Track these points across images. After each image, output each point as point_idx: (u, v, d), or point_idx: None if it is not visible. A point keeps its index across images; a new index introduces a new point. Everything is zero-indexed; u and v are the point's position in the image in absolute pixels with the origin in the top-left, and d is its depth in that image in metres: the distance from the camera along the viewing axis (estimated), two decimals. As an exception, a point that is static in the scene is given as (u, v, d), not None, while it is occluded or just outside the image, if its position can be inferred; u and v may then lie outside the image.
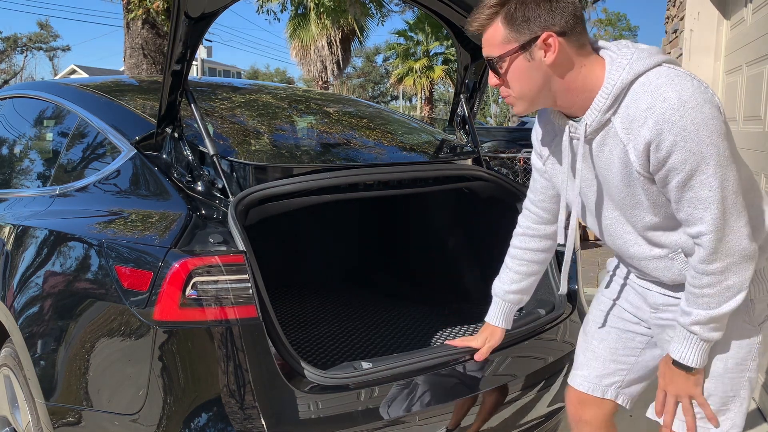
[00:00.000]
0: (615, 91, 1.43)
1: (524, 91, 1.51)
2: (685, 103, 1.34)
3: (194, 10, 1.84)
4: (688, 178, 1.39)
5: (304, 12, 16.37)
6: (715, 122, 1.36)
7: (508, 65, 1.48)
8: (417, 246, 3.32)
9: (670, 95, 1.36)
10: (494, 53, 1.49)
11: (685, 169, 1.37)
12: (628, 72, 1.42)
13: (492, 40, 1.48)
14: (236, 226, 1.80)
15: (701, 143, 1.35)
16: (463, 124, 2.83)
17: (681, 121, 1.34)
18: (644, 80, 1.41)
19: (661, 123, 1.36)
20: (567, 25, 1.43)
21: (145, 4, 8.13)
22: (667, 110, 1.35)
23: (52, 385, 1.93)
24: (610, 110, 1.45)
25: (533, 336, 2.29)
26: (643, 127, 1.39)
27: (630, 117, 1.42)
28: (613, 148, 1.49)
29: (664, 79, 1.38)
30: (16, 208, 2.52)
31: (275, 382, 1.74)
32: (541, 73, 1.47)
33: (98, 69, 42.26)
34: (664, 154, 1.38)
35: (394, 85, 25.98)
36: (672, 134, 1.35)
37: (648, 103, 1.38)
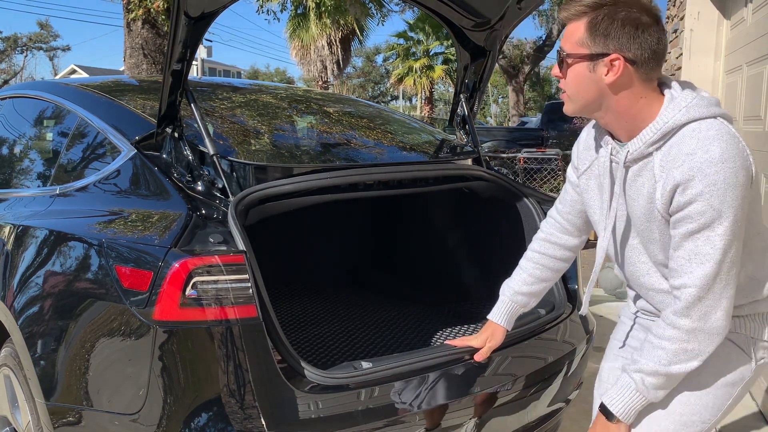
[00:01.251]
0: (665, 129, 1.45)
1: (577, 95, 1.53)
2: (725, 161, 1.38)
3: (194, 10, 1.84)
4: (698, 229, 1.41)
5: (303, 12, 16.36)
6: (743, 190, 1.40)
7: (571, 66, 1.50)
8: (417, 246, 3.32)
9: (714, 149, 1.39)
10: (566, 48, 1.50)
11: (700, 220, 1.40)
12: (684, 114, 1.44)
13: (570, 35, 1.50)
14: (236, 226, 1.80)
15: (724, 203, 1.38)
16: (463, 123, 2.83)
17: (715, 176, 1.38)
18: (696, 126, 1.43)
19: (696, 171, 1.39)
20: (641, 56, 1.45)
21: (145, 4, 8.13)
22: (705, 161, 1.38)
23: (53, 384, 1.93)
24: (655, 145, 1.48)
25: (533, 336, 2.29)
26: (678, 169, 1.42)
27: (670, 156, 1.45)
28: (645, 182, 1.51)
29: (714, 133, 1.41)
30: (16, 208, 2.52)
31: (275, 382, 1.74)
32: (597, 87, 1.49)
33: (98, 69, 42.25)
34: (686, 199, 1.41)
35: (394, 85, 25.97)
36: (702, 184, 1.38)
37: (691, 149, 1.41)
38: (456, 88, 2.82)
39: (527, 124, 17.60)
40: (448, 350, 2.07)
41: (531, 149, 10.14)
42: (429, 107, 24.59)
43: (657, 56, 1.46)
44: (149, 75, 7.76)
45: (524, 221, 2.62)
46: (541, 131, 12.78)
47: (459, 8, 2.47)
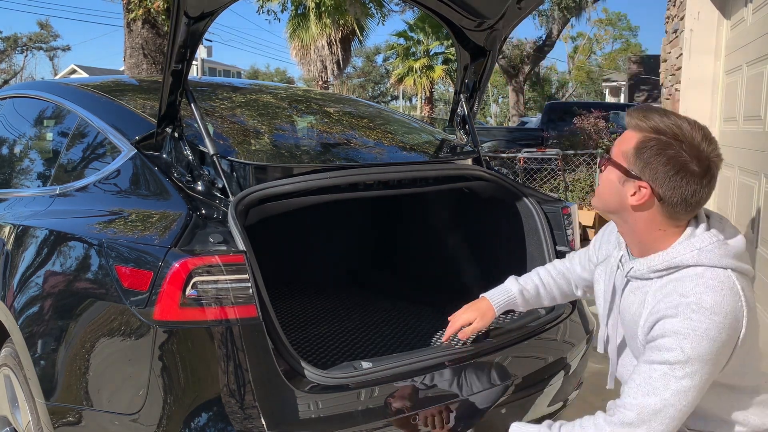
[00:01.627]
0: (671, 263, 1.47)
1: (601, 196, 1.57)
2: (714, 313, 1.38)
3: (194, 10, 1.84)
4: (659, 361, 1.42)
5: (304, 12, 16.36)
6: (721, 347, 1.39)
7: (608, 168, 1.52)
8: (417, 246, 3.32)
9: (707, 298, 1.39)
10: (612, 151, 1.53)
11: (665, 355, 1.40)
12: (694, 256, 1.45)
13: (622, 141, 1.51)
14: (236, 226, 1.80)
15: (695, 351, 1.38)
16: (463, 123, 2.83)
17: (697, 323, 1.38)
18: (701, 271, 1.43)
19: (681, 311, 1.40)
20: (670, 198, 1.44)
21: (145, 3, 8.13)
22: (694, 306, 1.39)
23: (53, 384, 1.93)
24: (657, 273, 1.49)
25: (533, 336, 2.29)
26: (667, 304, 1.43)
27: (665, 290, 1.46)
28: (636, 301, 1.54)
29: (716, 284, 1.41)
30: (16, 208, 2.52)
31: (275, 382, 1.74)
32: (619, 199, 1.51)
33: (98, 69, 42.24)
34: (661, 331, 1.42)
35: (394, 85, 25.96)
36: (681, 324, 1.39)
37: (686, 291, 1.42)
38: (456, 88, 2.82)
39: (527, 124, 17.59)
40: (448, 350, 2.07)
41: (531, 149, 10.13)
42: (429, 107, 24.58)
43: (688, 205, 1.45)
44: (149, 75, 7.76)
45: (524, 221, 2.62)
46: (541, 131, 12.77)
47: (459, 8, 2.47)
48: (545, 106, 14.46)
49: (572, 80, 42.88)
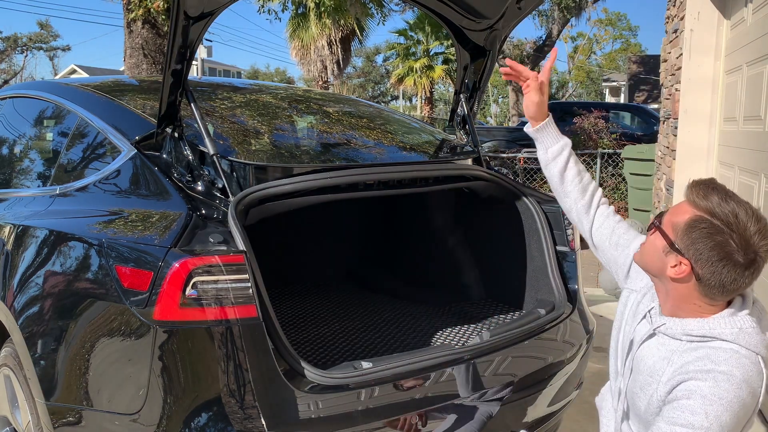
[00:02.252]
0: (707, 334, 1.47)
1: (645, 256, 1.58)
2: (742, 388, 1.39)
3: (193, 10, 1.84)
4: (681, 423, 1.40)
5: (304, 12, 16.35)
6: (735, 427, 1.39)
7: (657, 235, 1.53)
8: (417, 246, 3.32)
9: (738, 373, 1.40)
10: (664, 219, 1.54)
11: (689, 418, 1.39)
12: (734, 335, 1.45)
13: (677, 212, 1.51)
14: (236, 226, 1.80)
15: (718, 420, 1.37)
16: (463, 123, 2.83)
17: (726, 393, 1.38)
18: (737, 349, 1.44)
19: (711, 378, 1.40)
20: (708, 280, 1.45)
21: (145, 3, 8.13)
22: (726, 376, 1.39)
23: (53, 384, 1.93)
24: (689, 337, 1.49)
25: (533, 336, 2.29)
26: (698, 366, 1.43)
27: (697, 354, 1.46)
28: (658, 356, 1.54)
29: (749, 362, 1.42)
30: (16, 208, 2.52)
31: (275, 382, 1.74)
32: (660, 265, 1.52)
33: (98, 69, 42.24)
34: (686, 393, 1.41)
35: (394, 85, 25.95)
36: (709, 390, 1.39)
37: (721, 360, 1.42)
38: (456, 88, 2.82)
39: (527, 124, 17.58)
40: (448, 350, 2.07)
41: (531, 149, 10.13)
42: (429, 107, 24.57)
43: (725, 290, 1.45)
44: (149, 75, 7.76)
45: (524, 221, 2.62)
46: (541, 131, 12.73)
47: (459, 8, 2.47)
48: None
49: (572, 80, 42.88)
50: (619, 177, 9.00)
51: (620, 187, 8.97)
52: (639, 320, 1.65)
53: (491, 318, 2.76)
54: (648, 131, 11.71)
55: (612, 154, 9.15)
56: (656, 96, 22.71)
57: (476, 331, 2.63)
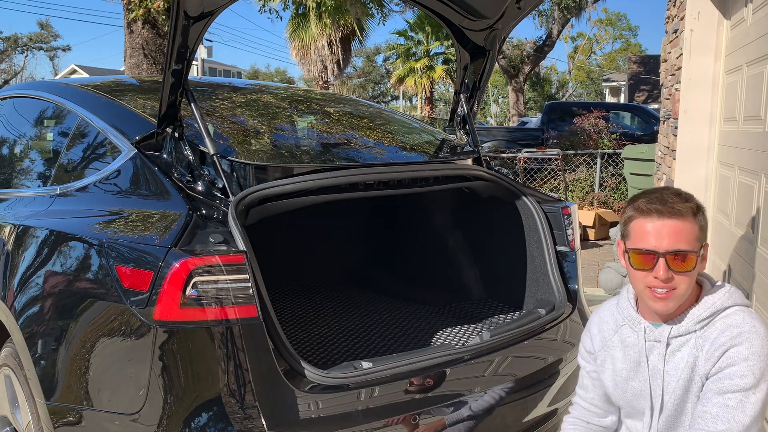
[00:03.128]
0: (713, 309, 1.58)
1: (688, 290, 1.57)
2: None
3: (193, 9, 1.84)
4: (733, 390, 1.49)
5: (304, 12, 16.34)
6: None
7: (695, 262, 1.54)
8: (417, 246, 3.32)
9: (759, 327, 1.53)
10: (690, 248, 1.53)
11: (739, 383, 1.49)
12: (728, 298, 1.59)
13: (689, 233, 1.54)
14: (236, 226, 1.80)
15: (764, 374, 1.49)
16: (463, 123, 2.82)
17: (760, 347, 1.50)
18: (740, 308, 1.58)
19: (744, 339, 1.51)
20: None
21: (145, 3, 8.13)
22: (753, 332, 1.51)
23: (53, 384, 1.93)
24: (702, 322, 1.58)
25: (533, 336, 2.29)
26: (726, 335, 1.53)
27: (716, 327, 1.56)
28: (685, 355, 1.59)
29: (756, 316, 1.57)
30: (16, 208, 2.52)
31: (275, 382, 1.74)
32: (695, 276, 1.58)
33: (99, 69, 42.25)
34: (730, 361, 1.51)
35: (394, 85, 25.94)
36: (748, 351, 1.50)
37: (738, 322, 1.54)
38: (456, 88, 2.82)
39: (527, 124, 17.58)
40: (448, 350, 2.07)
41: (531, 149, 10.14)
42: (429, 107, 24.57)
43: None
44: (150, 75, 7.76)
45: (524, 221, 2.62)
46: (541, 131, 12.77)
47: (458, 8, 2.47)
48: (545, 106, 14.45)
49: (572, 80, 42.87)
50: (619, 177, 9.00)
51: (620, 187, 8.97)
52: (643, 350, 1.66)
53: (491, 318, 2.76)
54: (648, 131, 11.71)
55: (612, 154, 9.15)
56: (656, 96, 22.71)
57: (476, 331, 2.63)
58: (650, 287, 1.55)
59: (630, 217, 1.58)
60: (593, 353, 1.81)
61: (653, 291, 1.55)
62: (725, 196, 3.90)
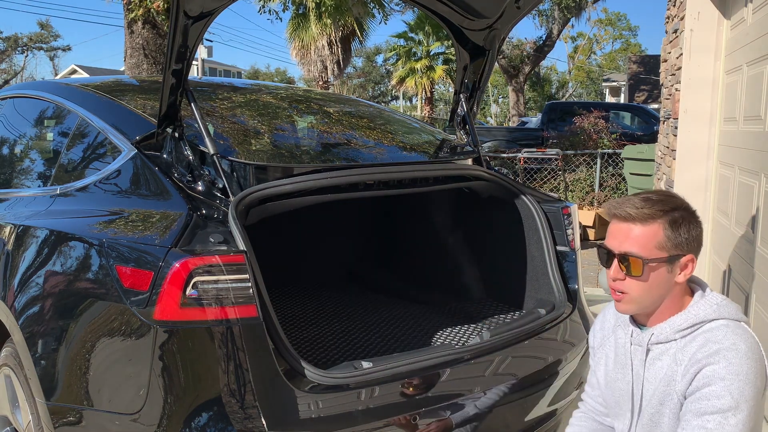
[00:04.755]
0: (695, 320, 1.53)
1: (645, 297, 1.55)
2: (750, 358, 1.45)
3: (193, 9, 1.84)
4: (711, 411, 1.43)
5: (304, 12, 16.34)
6: (758, 393, 1.44)
7: (651, 271, 1.51)
8: (417, 246, 3.32)
9: (741, 344, 1.46)
10: (641, 253, 1.50)
11: (716, 404, 1.43)
12: (715, 311, 1.53)
13: (643, 238, 1.50)
14: (237, 226, 1.80)
15: (742, 395, 1.42)
16: (463, 123, 2.82)
17: (738, 366, 1.43)
18: (725, 323, 1.51)
19: (722, 357, 1.44)
20: (698, 254, 1.53)
21: (145, 3, 8.12)
22: (732, 350, 1.45)
23: (53, 384, 1.93)
24: (682, 332, 1.54)
25: (533, 336, 2.29)
26: (704, 352, 1.47)
27: (696, 342, 1.50)
28: (664, 365, 1.55)
29: (742, 332, 1.49)
30: (16, 208, 2.52)
31: (276, 382, 1.74)
32: (667, 287, 1.54)
33: (99, 69, 42.24)
34: (706, 381, 1.45)
35: (395, 86, 25.95)
36: (725, 370, 1.43)
37: (719, 338, 1.47)
38: (456, 88, 2.82)
39: (527, 124, 17.58)
40: (448, 350, 2.07)
41: (531, 149, 10.14)
42: (429, 107, 24.57)
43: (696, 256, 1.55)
44: (150, 75, 7.76)
45: (524, 221, 2.62)
46: (541, 131, 12.77)
47: (458, 8, 2.47)
48: (545, 106, 14.46)
49: (572, 80, 42.87)
50: (619, 177, 9.00)
51: (620, 187, 8.97)
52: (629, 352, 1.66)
53: (491, 318, 2.76)
54: (648, 131, 11.71)
55: (612, 154, 9.15)
56: (656, 96, 22.71)
57: (476, 331, 2.64)
58: (611, 286, 1.58)
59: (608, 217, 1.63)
60: (594, 349, 1.83)
61: (612, 290, 1.58)
62: (725, 196, 3.90)
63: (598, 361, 1.79)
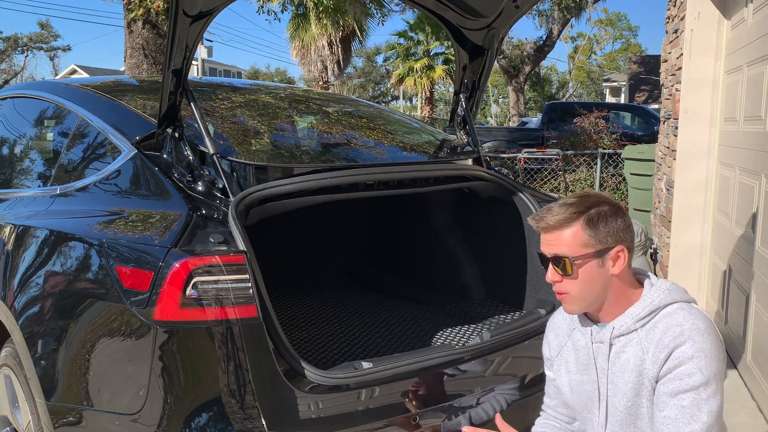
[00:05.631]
0: (651, 307, 1.60)
1: (584, 294, 1.61)
2: (710, 334, 1.54)
3: (192, 8, 1.84)
4: (685, 390, 1.50)
5: (304, 12, 16.35)
6: (723, 366, 1.53)
7: (579, 268, 1.59)
8: (417, 246, 3.32)
9: (700, 323, 1.55)
10: (568, 253, 1.59)
11: (689, 381, 1.51)
12: (667, 296, 1.61)
13: (567, 240, 1.59)
14: (237, 226, 1.80)
15: (711, 370, 1.51)
16: (463, 123, 2.82)
17: (703, 343, 1.52)
18: (680, 305, 1.60)
19: (687, 337, 1.52)
20: (630, 246, 1.62)
21: (145, 3, 8.13)
22: (695, 330, 1.53)
23: (53, 384, 1.93)
24: (641, 321, 1.60)
25: (533, 336, 2.28)
26: (671, 334, 1.54)
27: (658, 329, 1.57)
28: (631, 356, 1.60)
29: (696, 311, 1.59)
30: (16, 208, 2.52)
31: (276, 382, 1.74)
32: (604, 280, 1.61)
33: (99, 69, 42.24)
34: (676, 362, 1.52)
35: (394, 85, 25.95)
36: (692, 349, 1.51)
37: (679, 321, 1.56)
38: (456, 88, 2.82)
39: (527, 124, 17.58)
40: (448, 350, 2.07)
41: (531, 149, 10.15)
42: (429, 107, 24.57)
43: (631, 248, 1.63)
44: (149, 75, 7.76)
45: (524, 221, 2.62)
46: (542, 131, 12.77)
47: (456, 7, 2.47)
48: (545, 106, 14.46)
49: (572, 80, 42.88)
50: (620, 177, 9.00)
51: (620, 187, 8.97)
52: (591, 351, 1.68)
53: (491, 318, 2.76)
54: (648, 131, 11.71)
55: (612, 154, 9.15)
56: (656, 96, 22.72)
57: (476, 331, 2.63)
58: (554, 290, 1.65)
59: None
60: (550, 359, 1.83)
61: (558, 294, 1.64)
62: (725, 196, 3.90)
63: (558, 370, 1.79)
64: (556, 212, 1.59)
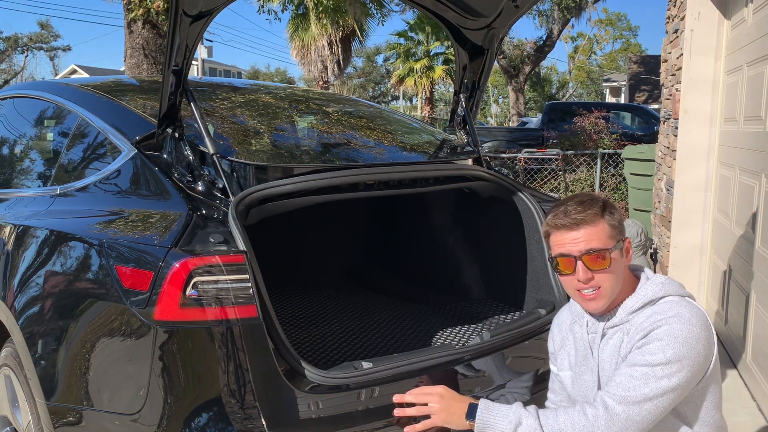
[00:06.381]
0: (645, 301, 1.64)
1: (615, 286, 1.65)
2: (692, 325, 1.55)
3: (191, 8, 1.84)
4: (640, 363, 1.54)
5: (304, 12, 16.35)
6: (697, 360, 1.54)
7: (613, 259, 1.63)
8: (417, 246, 3.32)
9: (685, 313, 1.58)
10: (603, 246, 1.63)
11: (647, 357, 1.53)
12: (661, 289, 1.65)
13: (599, 233, 1.63)
14: (237, 226, 1.80)
15: (675, 354, 1.52)
16: (463, 123, 2.82)
17: (678, 331, 1.54)
18: (671, 299, 1.63)
19: (663, 322, 1.56)
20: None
21: (145, 3, 8.13)
22: (675, 317, 1.56)
23: (53, 384, 1.93)
24: (635, 313, 1.65)
25: (533, 336, 2.28)
26: (652, 320, 1.59)
27: (643, 316, 1.62)
28: (616, 341, 1.66)
29: (686, 304, 1.62)
30: (17, 208, 2.52)
31: (276, 382, 1.74)
32: (622, 270, 1.67)
33: (99, 69, 42.25)
34: (645, 340, 1.57)
35: (394, 85, 25.95)
36: (663, 332, 1.55)
37: (664, 309, 1.60)
38: (455, 88, 2.82)
39: (527, 124, 17.58)
40: (448, 350, 2.07)
41: (531, 149, 10.14)
42: (429, 107, 24.57)
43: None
44: (149, 75, 7.76)
45: (524, 221, 2.62)
46: (542, 131, 12.77)
47: (456, 7, 2.47)
48: (545, 106, 14.46)
49: (572, 80, 42.88)
50: (620, 177, 9.00)
51: (620, 187, 8.97)
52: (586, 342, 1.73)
53: (491, 318, 2.76)
54: (648, 131, 11.71)
55: (612, 155, 9.15)
56: (657, 96, 22.72)
57: (476, 331, 2.63)
58: (579, 290, 1.66)
59: (547, 232, 1.72)
60: (554, 354, 1.87)
61: (582, 293, 1.66)
62: (725, 196, 3.90)
63: (561, 363, 1.83)
64: (581, 209, 1.63)
